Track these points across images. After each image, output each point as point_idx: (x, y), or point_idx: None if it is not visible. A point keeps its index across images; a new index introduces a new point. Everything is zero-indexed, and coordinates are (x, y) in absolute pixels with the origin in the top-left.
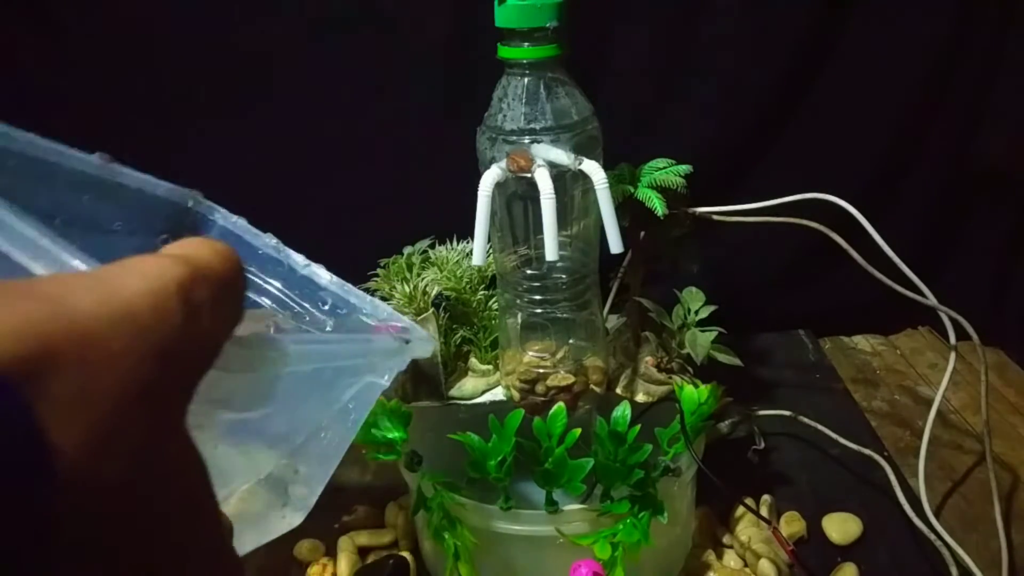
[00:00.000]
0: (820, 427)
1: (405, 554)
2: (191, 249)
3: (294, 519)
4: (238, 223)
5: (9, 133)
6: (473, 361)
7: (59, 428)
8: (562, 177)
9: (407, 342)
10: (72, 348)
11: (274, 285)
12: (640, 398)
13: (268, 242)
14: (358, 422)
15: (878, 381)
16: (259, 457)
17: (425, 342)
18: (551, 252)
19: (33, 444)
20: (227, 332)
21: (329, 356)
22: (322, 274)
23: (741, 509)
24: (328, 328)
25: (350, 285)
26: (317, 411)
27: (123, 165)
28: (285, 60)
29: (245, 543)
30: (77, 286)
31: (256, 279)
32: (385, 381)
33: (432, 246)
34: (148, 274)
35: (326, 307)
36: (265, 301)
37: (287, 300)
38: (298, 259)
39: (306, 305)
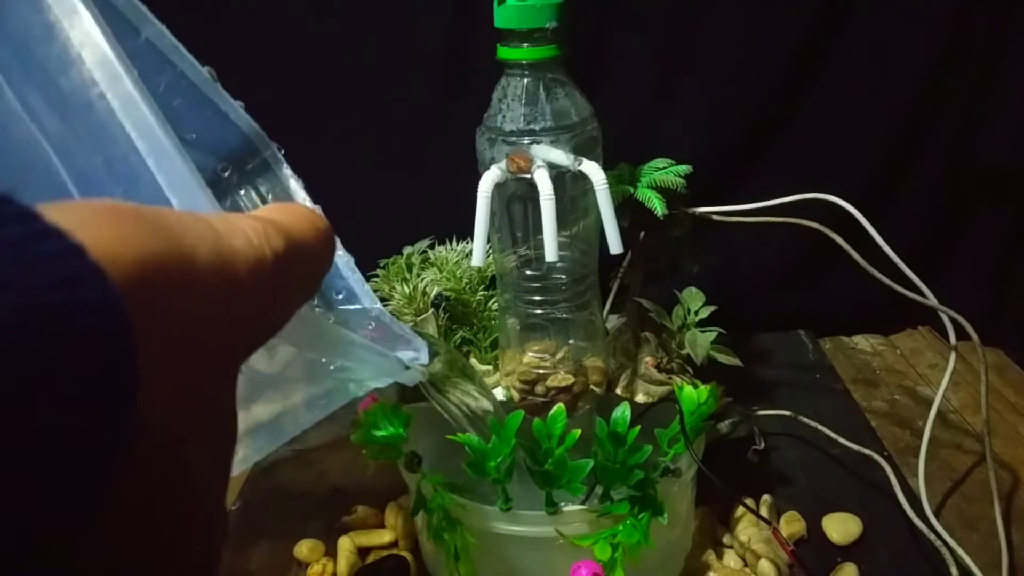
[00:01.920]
0: (820, 427)
1: (405, 554)
2: (294, 221)
3: None
4: (292, 186)
5: (148, 16)
6: (473, 361)
7: (145, 357)
8: (562, 178)
9: (406, 367)
10: (180, 289)
11: None
12: (640, 399)
13: (340, 248)
14: (319, 416)
15: (878, 381)
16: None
17: (415, 373)
18: (551, 253)
19: (124, 359)
20: (300, 306)
21: (356, 357)
22: (349, 267)
23: (741, 509)
24: (331, 320)
25: (368, 286)
26: (295, 393)
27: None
28: (284, 60)
29: None
30: (197, 231)
31: None
32: (362, 393)
33: (432, 246)
34: (253, 241)
35: (340, 296)
36: None
37: None
38: (347, 255)
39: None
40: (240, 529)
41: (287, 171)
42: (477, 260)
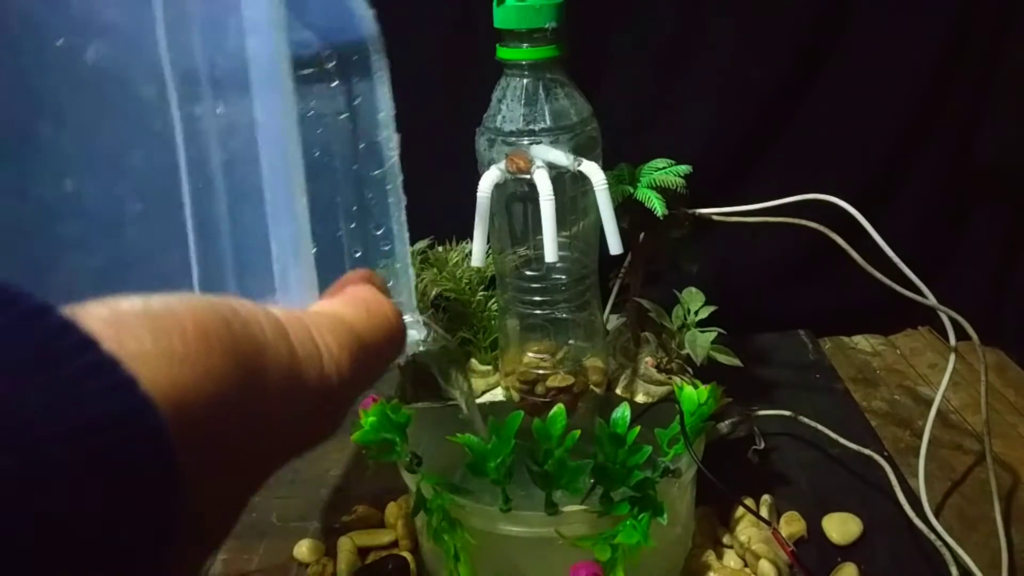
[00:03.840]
0: (820, 427)
1: (405, 554)
2: (373, 330)
3: None
4: (380, 117)
5: None
6: (473, 362)
7: (190, 491)
8: (561, 178)
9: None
10: (243, 418)
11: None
12: (640, 399)
13: (397, 185)
14: None
15: (878, 381)
16: None
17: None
18: (550, 253)
19: (166, 499)
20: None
21: None
22: (398, 207)
23: (741, 509)
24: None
25: (406, 234)
26: None
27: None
28: None
29: None
30: (275, 355)
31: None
32: None
33: (431, 247)
34: (324, 369)
35: (378, 232)
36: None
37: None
38: (401, 195)
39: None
40: (240, 529)
41: (386, 92)
42: (477, 260)
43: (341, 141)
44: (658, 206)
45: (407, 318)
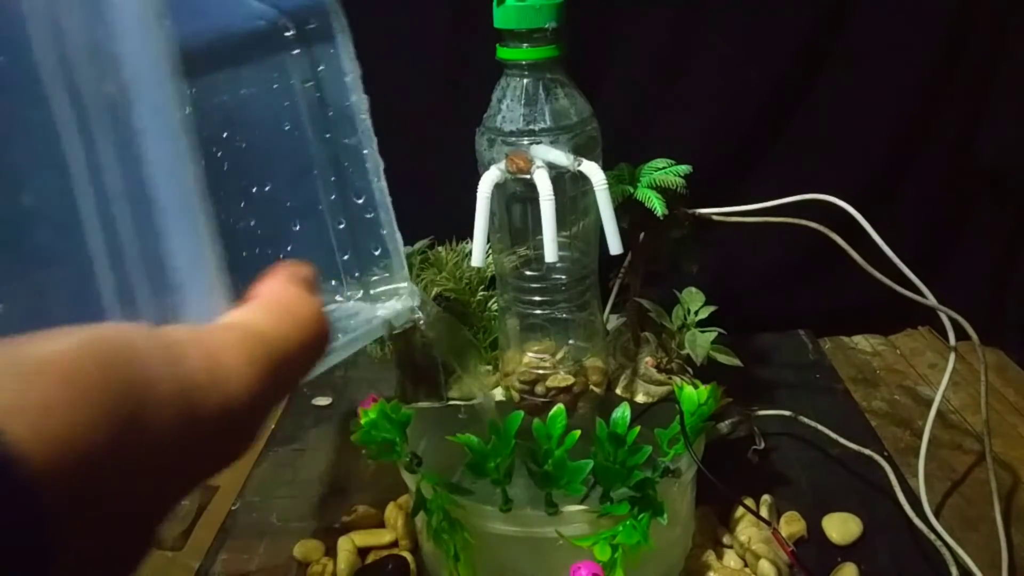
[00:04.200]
0: (820, 427)
1: (405, 554)
2: (288, 332)
3: None
4: (348, 80)
5: None
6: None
7: (65, 540)
8: (561, 178)
9: (392, 328)
10: (130, 460)
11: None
12: (640, 399)
13: (373, 149)
14: None
15: (878, 381)
16: None
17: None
18: (550, 253)
19: (33, 555)
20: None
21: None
22: (376, 173)
23: (741, 509)
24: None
25: (388, 198)
26: None
27: None
28: None
29: None
30: (165, 394)
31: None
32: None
33: (431, 246)
34: (231, 388)
35: (360, 201)
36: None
37: (345, 230)
38: (378, 160)
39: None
40: (240, 529)
41: (350, 55)
42: (477, 260)
43: (310, 111)
44: (658, 206)
45: (401, 284)
